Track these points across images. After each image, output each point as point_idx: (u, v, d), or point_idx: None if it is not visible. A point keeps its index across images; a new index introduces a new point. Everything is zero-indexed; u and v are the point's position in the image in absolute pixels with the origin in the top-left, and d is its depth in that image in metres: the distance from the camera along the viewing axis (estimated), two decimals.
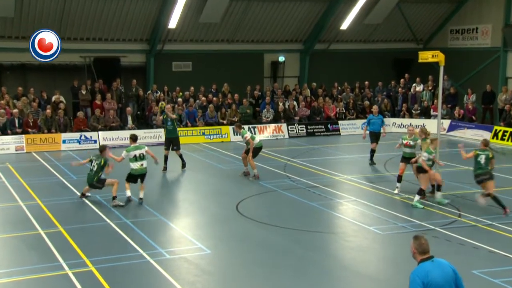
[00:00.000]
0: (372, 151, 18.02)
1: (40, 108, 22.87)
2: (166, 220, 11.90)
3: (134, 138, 13.36)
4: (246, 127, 20.36)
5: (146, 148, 13.48)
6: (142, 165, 13.14)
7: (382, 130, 18.08)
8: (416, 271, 5.01)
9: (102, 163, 13.22)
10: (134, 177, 13.20)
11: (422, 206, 12.65)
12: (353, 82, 28.22)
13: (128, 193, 13.11)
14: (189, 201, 14.03)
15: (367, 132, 18.26)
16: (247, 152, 15.76)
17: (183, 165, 17.37)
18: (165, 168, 17.04)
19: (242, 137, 15.80)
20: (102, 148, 13.52)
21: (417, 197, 12.82)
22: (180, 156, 17.35)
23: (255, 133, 15.52)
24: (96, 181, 13.18)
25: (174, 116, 17.62)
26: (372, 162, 17.87)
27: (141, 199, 13.10)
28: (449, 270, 5.05)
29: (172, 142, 17.19)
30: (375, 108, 19.08)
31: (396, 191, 13.93)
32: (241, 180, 15.70)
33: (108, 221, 11.71)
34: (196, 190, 15.28)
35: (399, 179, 14.02)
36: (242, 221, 11.89)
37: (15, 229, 11.20)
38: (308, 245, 10.23)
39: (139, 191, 13.19)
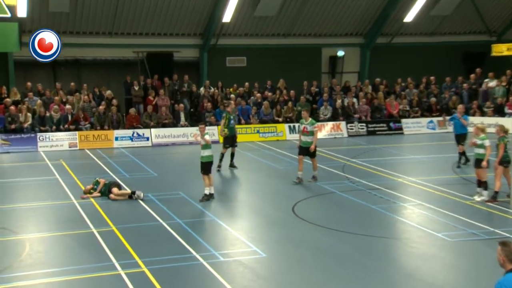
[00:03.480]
0: (461, 153, 17.25)
1: (92, 103, 23.61)
2: (220, 221, 11.96)
3: (204, 126, 13.93)
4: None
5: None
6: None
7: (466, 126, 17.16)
8: (504, 282, 4.64)
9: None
10: (211, 165, 13.78)
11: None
12: (418, 78, 27.50)
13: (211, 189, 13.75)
14: (243, 202, 14.11)
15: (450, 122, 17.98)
16: (304, 152, 15.43)
17: (232, 164, 17.56)
18: (231, 165, 17.39)
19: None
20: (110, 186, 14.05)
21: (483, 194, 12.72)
22: (233, 154, 17.50)
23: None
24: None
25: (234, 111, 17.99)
26: (461, 164, 17.14)
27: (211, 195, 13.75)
28: None
29: (233, 140, 17.41)
30: (460, 107, 17.74)
31: (478, 198, 13.30)
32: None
33: (161, 221, 11.90)
34: (250, 191, 15.34)
35: (481, 184, 13.38)
36: (298, 224, 11.81)
37: (68, 227, 11.57)
38: (369, 251, 10.03)
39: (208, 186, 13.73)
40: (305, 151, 15.40)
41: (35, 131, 21.79)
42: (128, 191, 14.02)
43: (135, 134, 22.65)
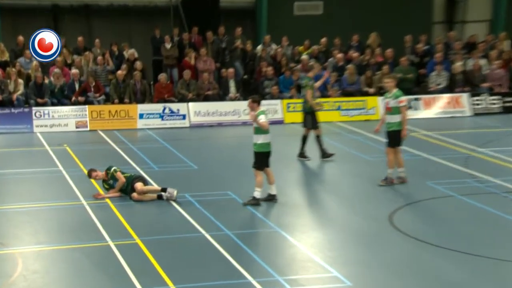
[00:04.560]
0: None
1: (109, 65, 24.10)
2: (284, 233, 11.96)
3: (259, 101, 13.80)
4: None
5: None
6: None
7: None
8: None
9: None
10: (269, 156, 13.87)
11: None
12: None
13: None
14: (319, 207, 14.07)
15: None
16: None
17: (324, 153, 17.61)
18: (302, 155, 17.58)
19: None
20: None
21: None
22: (319, 137, 17.63)
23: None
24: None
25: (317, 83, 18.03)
26: None
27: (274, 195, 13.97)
28: None
29: (306, 118, 17.57)
30: None
31: None
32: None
33: (203, 231, 11.99)
34: (329, 191, 15.28)
35: None
36: (398, 240, 11.68)
37: (76, 238, 11.81)
38: (505, 283, 9.81)
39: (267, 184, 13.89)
40: (390, 137, 15.08)
41: (29, 105, 22.42)
42: (157, 187, 14.24)
43: (166, 110, 22.97)
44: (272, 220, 12.77)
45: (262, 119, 13.46)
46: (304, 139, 17.58)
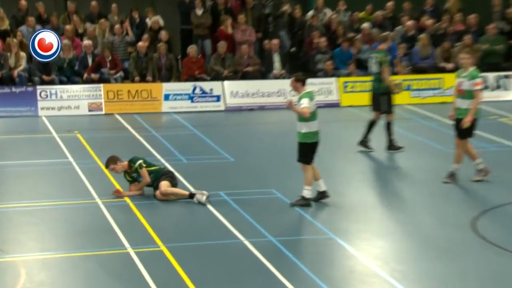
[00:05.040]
0: None
1: (128, 36, 24.24)
2: (341, 241, 11.94)
3: (303, 80, 13.65)
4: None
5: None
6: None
7: None
8: None
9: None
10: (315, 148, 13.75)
11: None
12: None
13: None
14: (384, 210, 14.06)
15: None
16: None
17: (392, 144, 17.63)
18: (364, 143, 17.59)
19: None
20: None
21: None
22: (389, 125, 17.58)
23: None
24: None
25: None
26: None
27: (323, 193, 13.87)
28: None
29: (379, 100, 17.58)
30: None
31: None
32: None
33: (241, 237, 12.00)
34: (396, 190, 15.29)
35: None
36: (484, 250, 11.58)
37: (89, 244, 11.88)
38: None
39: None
40: (460, 127, 14.83)
41: (33, 83, 22.72)
42: (184, 192, 14.18)
43: (197, 91, 23.08)
44: (325, 224, 12.73)
45: (304, 103, 13.26)
46: (371, 125, 17.49)
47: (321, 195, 13.81)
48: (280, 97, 23.05)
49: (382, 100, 17.42)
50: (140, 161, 14.25)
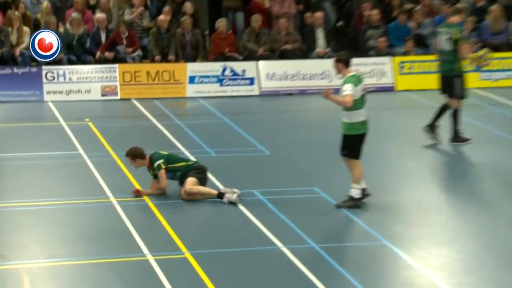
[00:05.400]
0: None
1: (145, 11, 24.32)
2: (397, 249, 11.89)
3: (347, 61, 13.51)
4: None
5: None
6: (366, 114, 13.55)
7: None
8: None
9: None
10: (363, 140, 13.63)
11: None
12: None
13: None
14: (448, 213, 13.99)
15: None
16: None
17: (457, 136, 17.63)
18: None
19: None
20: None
21: None
22: (456, 113, 17.55)
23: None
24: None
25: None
26: None
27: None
28: None
29: (453, 83, 17.55)
30: None
31: None
32: None
33: (278, 243, 11.98)
34: (463, 190, 15.21)
35: None
36: None
37: (102, 250, 11.95)
38: None
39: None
40: None
41: (37, 62, 22.74)
42: (212, 192, 14.20)
43: (227, 72, 23.12)
44: (377, 228, 12.67)
45: (346, 90, 13.13)
46: (443, 110, 17.43)
47: (364, 194, 13.72)
48: (324, 80, 23.04)
49: (456, 83, 17.30)
50: (159, 161, 14.18)
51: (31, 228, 13.01)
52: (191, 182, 14.03)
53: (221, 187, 14.31)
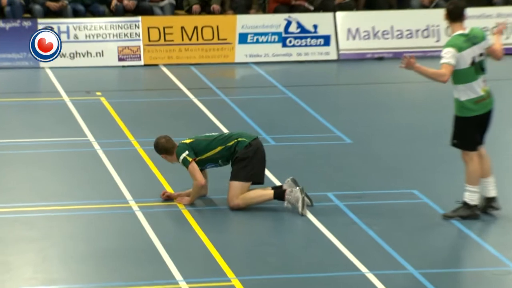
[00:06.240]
0: None
1: None
2: None
3: (456, 12, 13.28)
4: None
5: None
6: (486, 88, 13.34)
7: None
8: None
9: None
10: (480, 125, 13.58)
11: None
12: None
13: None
14: None
15: None
16: None
17: None
18: None
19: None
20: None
21: None
22: None
23: None
24: None
25: None
26: None
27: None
28: None
29: None
30: None
31: None
32: None
33: (363, 268, 12.07)
34: None
35: None
36: None
37: (122, 273, 12.10)
38: None
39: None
40: None
41: (32, 14, 23.24)
42: (266, 192, 14.31)
43: (292, 27, 23.36)
44: (502, 250, 12.71)
45: (444, 57, 13.02)
46: None
47: (488, 204, 13.73)
48: (429, 39, 23.14)
49: None
50: (184, 154, 14.15)
51: (24, 242, 13.13)
52: (235, 194, 14.06)
53: (278, 183, 14.46)
